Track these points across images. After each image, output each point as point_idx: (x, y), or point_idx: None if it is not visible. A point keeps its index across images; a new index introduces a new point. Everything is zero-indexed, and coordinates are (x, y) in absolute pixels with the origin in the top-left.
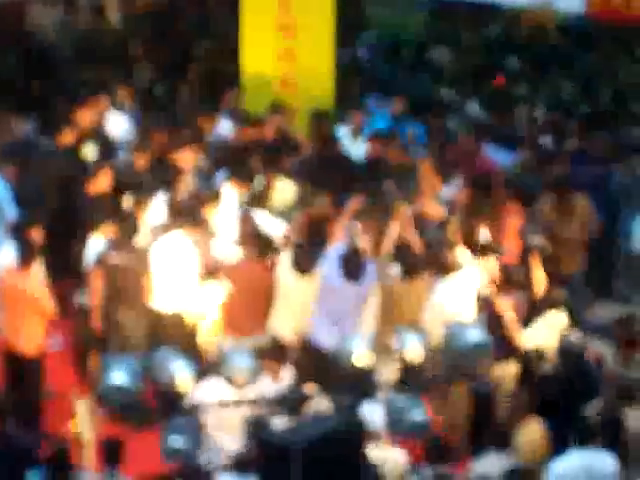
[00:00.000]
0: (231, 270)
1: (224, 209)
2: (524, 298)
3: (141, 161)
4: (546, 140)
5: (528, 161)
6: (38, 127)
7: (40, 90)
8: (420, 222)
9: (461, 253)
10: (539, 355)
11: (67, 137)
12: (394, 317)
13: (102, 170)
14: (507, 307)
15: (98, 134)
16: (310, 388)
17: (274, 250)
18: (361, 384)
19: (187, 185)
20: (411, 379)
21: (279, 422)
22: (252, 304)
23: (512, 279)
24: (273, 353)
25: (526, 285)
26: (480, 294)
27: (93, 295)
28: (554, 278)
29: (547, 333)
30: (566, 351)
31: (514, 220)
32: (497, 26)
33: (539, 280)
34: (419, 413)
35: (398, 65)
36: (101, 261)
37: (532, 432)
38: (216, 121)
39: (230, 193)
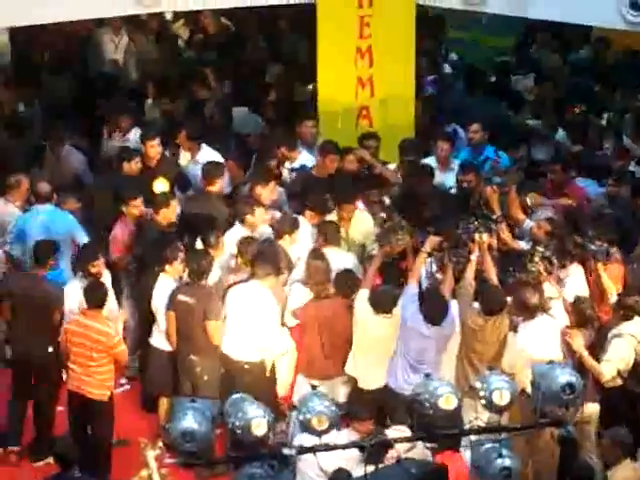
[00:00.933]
0: (308, 310)
1: (299, 243)
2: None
3: (213, 194)
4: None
5: (618, 193)
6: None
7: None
8: (502, 257)
9: (546, 290)
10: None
11: (135, 166)
12: (476, 357)
13: (172, 203)
14: (581, 345)
15: (169, 167)
16: (393, 434)
17: (352, 288)
18: (447, 428)
19: (264, 220)
20: (498, 423)
21: (361, 470)
22: (331, 345)
23: (586, 315)
24: (357, 413)
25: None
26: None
27: (168, 338)
28: None
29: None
30: None
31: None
32: (586, 49)
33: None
34: (508, 458)
35: (480, 91)
36: (174, 303)
37: (626, 471)
38: (298, 151)
39: (305, 227)
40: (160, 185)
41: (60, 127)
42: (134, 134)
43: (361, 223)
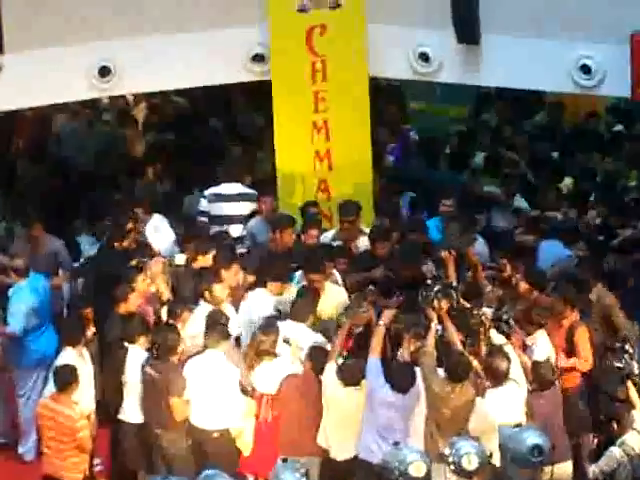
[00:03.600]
0: (287, 384)
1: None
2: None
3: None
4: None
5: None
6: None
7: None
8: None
9: (509, 355)
10: None
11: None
12: (444, 423)
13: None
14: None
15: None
16: None
17: (318, 361)
18: None
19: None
20: None
21: None
22: (299, 418)
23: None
24: None
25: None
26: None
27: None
28: None
29: None
30: None
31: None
32: (541, 115)
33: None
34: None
35: (438, 161)
36: (142, 376)
37: None
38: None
39: (264, 299)
40: None
41: (31, 211)
42: None
43: (331, 296)
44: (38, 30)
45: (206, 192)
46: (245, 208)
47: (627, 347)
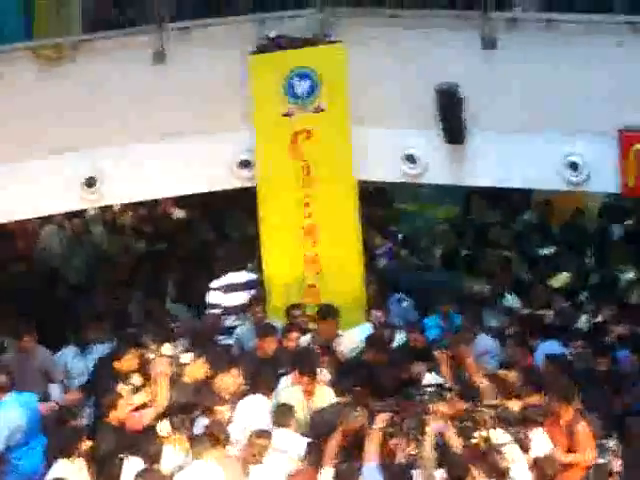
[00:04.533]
0: None
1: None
2: None
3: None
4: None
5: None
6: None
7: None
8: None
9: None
10: None
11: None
12: None
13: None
14: None
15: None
16: None
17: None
18: None
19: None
20: None
21: None
22: None
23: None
24: None
25: None
26: None
27: None
28: None
29: None
30: None
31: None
32: (529, 213)
33: None
34: None
35: (428, 260)
36: None
37: None
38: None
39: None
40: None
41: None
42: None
43: (323, 399)
44: (22, 142)
45: (214, 284)
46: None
47: (611, 444)
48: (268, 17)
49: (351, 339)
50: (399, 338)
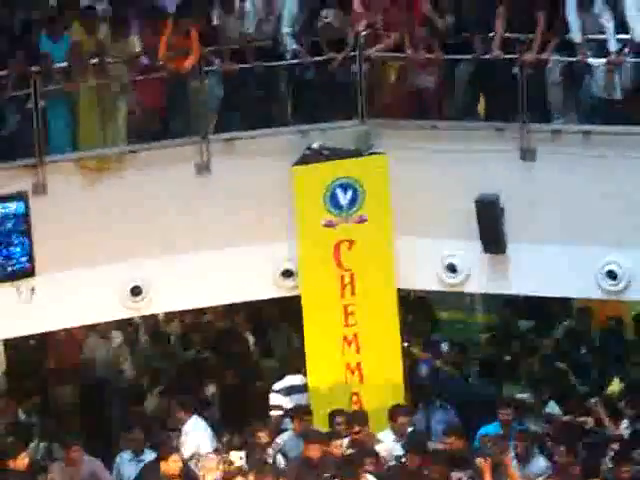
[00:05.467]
0: None
1: None
2: None
3: None
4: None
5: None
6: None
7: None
8: None
9: None
10: None
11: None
12: None
13: None
14: None
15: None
16: None
17: None
18: None
19: None
20: None
21: None
22: None
23: None
24: None
25: None
26: None
27: None
28: None
29: None
30: None
31: None
32: (569, 321)
33: None
34: None
35: (469, 368)
36: None
37: None
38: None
39: None
40: None
41: (67, 432)
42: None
43: None
44: (69, 251)
45: (275, 387)
46: None
47: None
48: (311, 128)
49: (391, 444)
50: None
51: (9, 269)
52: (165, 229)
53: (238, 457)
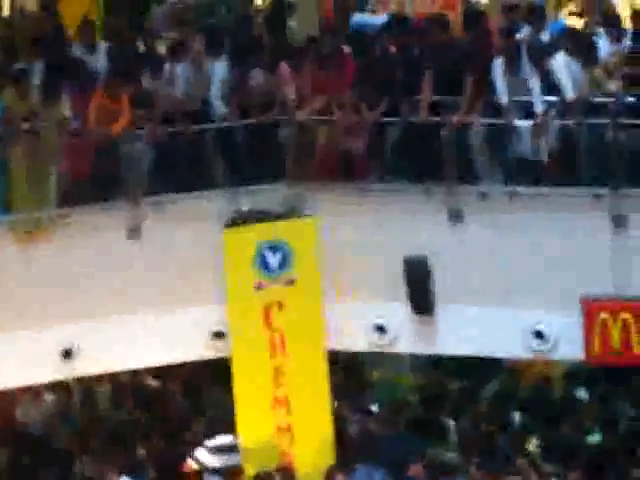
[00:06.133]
0: None
1: None
2: None
3: None
4: None
5: None
6: None
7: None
8: None
9: None
10: None
11: None
12: None
13: None
14: None
15: None
16: None
17: None
18: None
19: None
20: None
21: None
22: None
23: None
24: None
25: None
26: None
27: None
28: None
29: None
30: None
31: None
32: (497, 380)
33: None
34: None
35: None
36: None
37: None
38: None
39: None
40: None
41: None
42: None
43: None
44: (0, 313)
45: (206, 443)
46: None
47: None
48: (241, 191)
49: None
50: None
51: None
52: (97, 292)
53: None
